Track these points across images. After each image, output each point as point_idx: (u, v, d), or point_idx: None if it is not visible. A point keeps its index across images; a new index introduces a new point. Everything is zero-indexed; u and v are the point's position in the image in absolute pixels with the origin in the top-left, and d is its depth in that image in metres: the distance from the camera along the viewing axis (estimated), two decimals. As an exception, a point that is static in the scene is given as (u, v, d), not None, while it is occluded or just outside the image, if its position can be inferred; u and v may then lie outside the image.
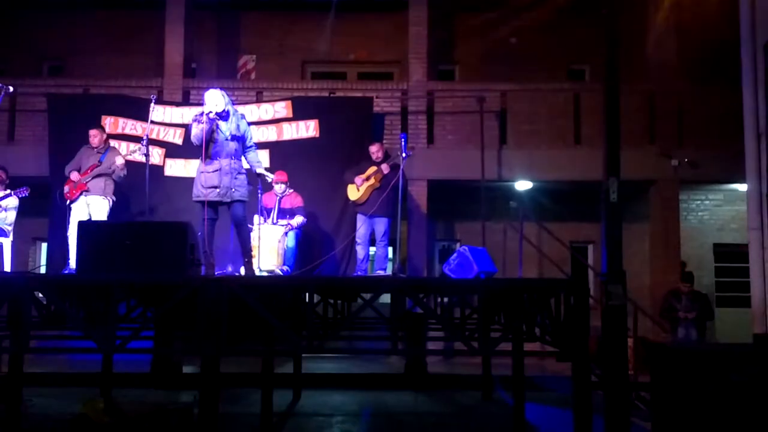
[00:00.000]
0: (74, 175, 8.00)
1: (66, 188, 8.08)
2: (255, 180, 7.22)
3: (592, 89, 10.70)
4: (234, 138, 6.53)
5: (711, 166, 10.55)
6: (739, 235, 11.12)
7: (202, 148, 6.47)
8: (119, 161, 7.91)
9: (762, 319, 7.47)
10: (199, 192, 6.52)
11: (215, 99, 6.48)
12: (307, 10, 12.29)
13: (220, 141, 6.48)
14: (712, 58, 11.06)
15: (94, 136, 8.17)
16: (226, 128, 6.50)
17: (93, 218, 7.83)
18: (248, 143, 6.73)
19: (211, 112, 6.40)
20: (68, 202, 8.05)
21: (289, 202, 8.47)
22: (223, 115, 6.50)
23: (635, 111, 10.55)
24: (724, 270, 11.97)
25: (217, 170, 6.44)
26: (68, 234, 8.04)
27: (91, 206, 7.91)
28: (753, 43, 7.65)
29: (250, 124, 7.03)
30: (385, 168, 8.20)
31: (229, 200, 6.48)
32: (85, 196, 7.93)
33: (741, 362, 4.77)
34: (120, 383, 7.80)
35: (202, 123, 6.40)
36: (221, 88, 6.71)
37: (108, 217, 7.93)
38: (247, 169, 6.78)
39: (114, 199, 8.03)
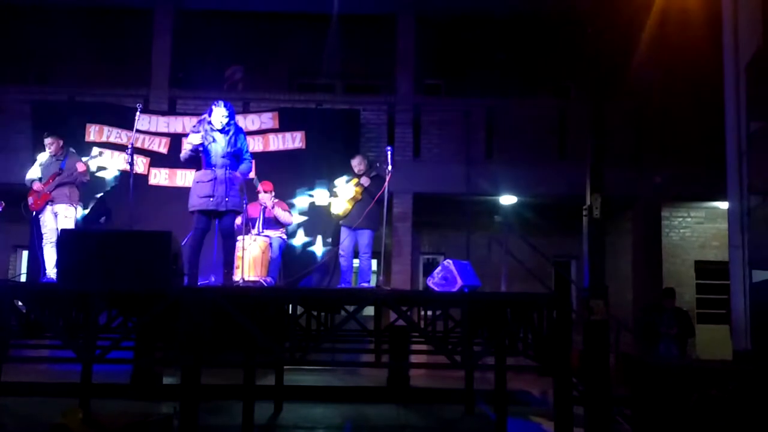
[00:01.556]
0: (37, 185, 7.83)
1: (30, 199, 7.89)
2: (241, 191, 7.21)
3: (577, 106, 10.80)
4: (230, 153, 6.59)
5: (693, 184, 10.66)
6: (720, 253, 11.22)
7: (199, 160, 6.67)
8: (80, 167, 7.83)
9: (742, 336, 7.53)
10: (195, 202, 6.57)
11: (218, 115, 6.60)
12: (296, 22, 12.32)
13: (215, 153, 6.56)
14: (696, 76, 11.20)
15: (50, 144, 8.00)
16: (223, 140, 6.57)
17: (61, 227, 7.71)
18: (244, 155, 6.79)
19: (195, 142, 6.57)
20: (34, 213, 7.92)
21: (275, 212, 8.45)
22: (225, 130, 6.59)
23: (619, 128, 10.64)
24: (705, 287, 12.06)
25: (212, 180, 6.51)
26: (43, 244, 7.92)
27: (59, 215, 7.80)
28: (735, 63, 7.76)
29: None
30: (365, 181, 8.20)
31: (223, 209, 6.49)
32: (51, 205, 7.82)
33: (722, 379, 4.80)
34: (99, 394, 7.72)
35: (190, 145, 6.59)
36: (227, 103, 6.76)
37: (75, 224, 7.84)
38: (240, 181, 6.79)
39: (80, 205, 7.94)
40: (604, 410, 5.36)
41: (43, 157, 8.11)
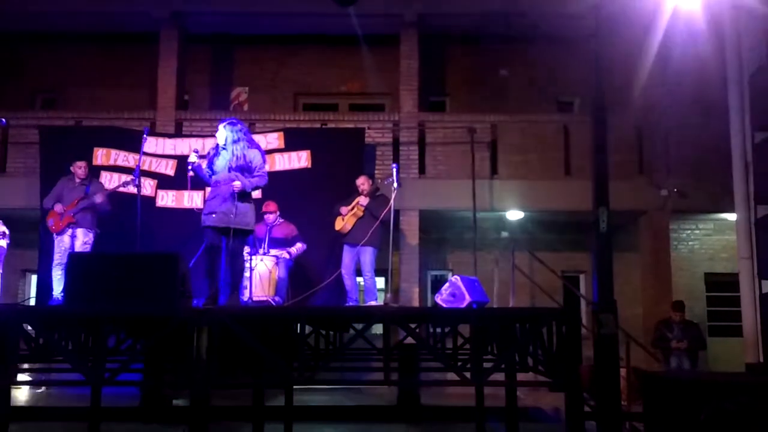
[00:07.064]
0: (59, 207, 7.90)
1: (50, 221, 7.98)
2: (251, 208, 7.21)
3: (581, 121, 10.80)
4: (238, 167, 6.57)
5: (700, 196, 10.62)
6: (729, 265, 11.16)
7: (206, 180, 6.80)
8: (98, 198, 7.91)
9: (754, 348, 7.48)
10: (203, 218, 6.61)
11: (219, 133, 6.67)
12: (300, 43, 12.42)
13: (219, 168, 6.59)
14: (701, 87, 11.20)
15: (80, 167, 8.14)
16: (228, 155, 6.60)
17: (78, 250, 7.76)
18: (255, 172, 6.74)
19: (192, 162, 6.64)
20: (54, 234, 7.98)
21: (282, 232, 8.46)
22: (231, 142, 6.62)
23: (624, 141, 10.64)
24: (716, 299, 11.98)
25: (216, 196, 6.54)
26: (54, 266, 7.95)
27: (78, 238, 7.83)
28: (740, 74, 7.78)
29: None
30: (363, 200, 8.22)
31: (224, 226, 6.47)
32: (72, 228, 7.86)
33: (734, 391, 4.75)
34: (109, 417, 7.67)
35: (190, 172, 6.65)
36: (231, 120, 6.78)
37: (92, 248, 7.88)
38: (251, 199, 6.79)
39: (98, 231, 8.01)
40: (615, 425, 5.31)
41: (65, 181, 8.19)
